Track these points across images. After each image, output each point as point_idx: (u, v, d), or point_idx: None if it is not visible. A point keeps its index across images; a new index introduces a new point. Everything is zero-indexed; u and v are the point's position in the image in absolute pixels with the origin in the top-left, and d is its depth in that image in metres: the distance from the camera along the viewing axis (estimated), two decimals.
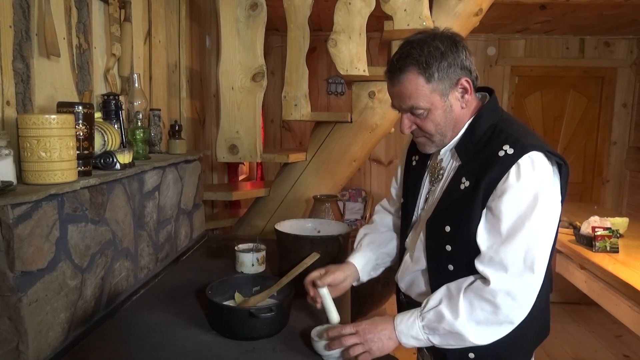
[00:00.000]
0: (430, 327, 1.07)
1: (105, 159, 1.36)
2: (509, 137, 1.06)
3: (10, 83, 1.18)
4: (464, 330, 1.03)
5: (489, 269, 1.03)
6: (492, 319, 1.03)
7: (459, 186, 1.10)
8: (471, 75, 1.11)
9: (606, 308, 2.26)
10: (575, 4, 3.02)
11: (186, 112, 2.44)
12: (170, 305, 1.41)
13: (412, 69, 1.07)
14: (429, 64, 1.06)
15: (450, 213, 1.12)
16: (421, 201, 1.26)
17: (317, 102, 4.31)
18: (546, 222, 1.03)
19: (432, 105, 1.10)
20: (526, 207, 1.01)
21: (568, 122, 4.30)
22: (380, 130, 2.50)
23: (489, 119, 1.12)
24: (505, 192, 1.03)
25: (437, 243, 1.14)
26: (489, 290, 1.03)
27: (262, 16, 2.25)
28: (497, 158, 1.05)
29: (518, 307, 1.03)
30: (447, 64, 1.07)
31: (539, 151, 1.03)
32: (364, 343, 1.09)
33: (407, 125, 1.15)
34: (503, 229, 1.03)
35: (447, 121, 1.12)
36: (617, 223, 2.64)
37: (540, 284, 1.04)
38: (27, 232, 0.99)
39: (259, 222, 2.56)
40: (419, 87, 1.08)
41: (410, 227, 1.28)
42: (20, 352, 1.00)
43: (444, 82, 1.08)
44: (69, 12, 1.42)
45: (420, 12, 2.26)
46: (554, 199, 1.05)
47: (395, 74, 1.10)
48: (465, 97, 1.12)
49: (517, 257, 1.02)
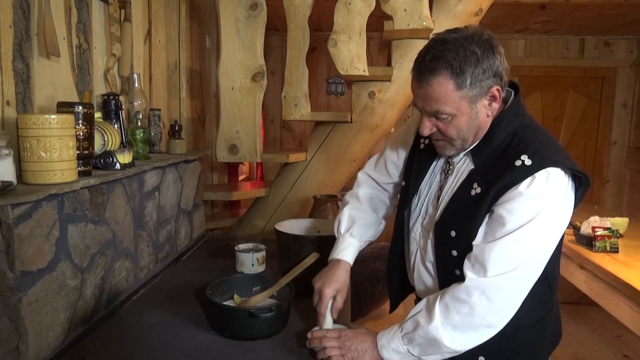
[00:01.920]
0: (409, 337, 1.04)
1: (105, 159, 1.36)
2: (528, 147, 1.02)
3: (10, 83, 1.18)
4: (439, 335, 1.00)
5: (470, 270, 1.01)
6: (467, 322, 1.00)
7: (469, 192, 1.08)
8: (502, 82, 1.04)
9: (606, 308, 2.26)
10: (575, 4, 3.02)
11: (186, 112, 2.44)
12: (170, 305, 1.41)
13: (445, 72, 0.99)
14: (463, 69, 0.98)
15: (457, 218, 1.09)
16: (427, 192, 1.22)
17: (317, 102, 4.30)
18: (543, 234, 1.00)
19: (458, 111, 1.03)
20: (528, 218, 0.98)
21: (568, 122, 4.29)
22: (380, 130, 2.50)
23: (510, 124, 1.08)
24: (511, 199, 1.00)
25: (444, 248, 1.12)
26: (464, 289, 1.00)
27: (262, 16, 2.25)
28: (513, 167, 1.01)
29: (496, 309, 1.00)
30: (481, 71, 0.99)
31: (558, 167, 1.00)
32: (341, 348, 1.09)
33: (428, 127, 1.09)
34: (498, 233, 1.01)
35: (471, 128, 1.07)
36: (617, 223, 2.64)
37: (522, 290, 1.01)
38: (27, 232, 0.98)
39: (259, 222, 2.56)
40: (449, 93, 1.01)
41: (415, 220, 1.24)
42: (20, 352, 1.00)
43: (475, 89, 1.01)
44: (69, 12, 1.42)
45: (420, 12, 2.26)
46: (560, 213, 1.02)
47: (425, 75, 1.02)
48: (492, 105, 1.06)
49: (500, 260, 0.99)
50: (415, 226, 1.25)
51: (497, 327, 1.02)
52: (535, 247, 1.00)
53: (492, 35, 1.03)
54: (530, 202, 0.99)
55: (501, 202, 1.02)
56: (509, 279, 0.99)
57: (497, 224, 1.02)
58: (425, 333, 1.02)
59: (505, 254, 0.99)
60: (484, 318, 1.00)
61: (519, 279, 1.00)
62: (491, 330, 1.02)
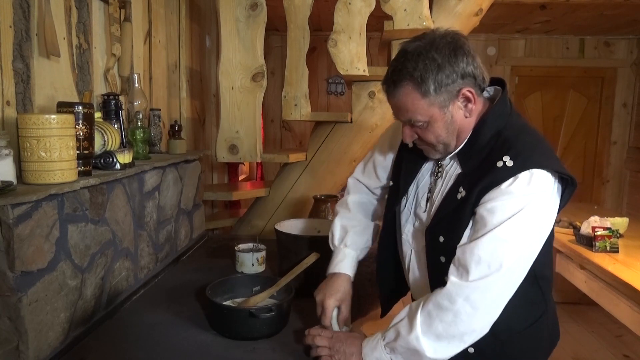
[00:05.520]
0: (391, 347, 1.03)
1: (105, 159, 1.36)
2: (511, 148, 1.00)
3: (10, 83, 1.18)
4: (419, 346, 0.98)
5: (453, 271, 1.00)
6: (451, 331, 0.97)
7: (456, 196, 1.06)
8: (476, 81, 1.03)
9: (606, 308, 2.26)
10: (575, 4, 3.02)
11: (186, 112, 2.44)
12: (170, 305, 1.41)
13: (407, 84, 1.02)
14: (424, 78, 0.99)
15: (445, 223, 1.08)
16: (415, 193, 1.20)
17: (317, 102, 4.30)
18: (525, 233, 0.98)
19: (431, 118, 1.04)
20: (509, 214, 0.96)
21: (568, 122, 4.30)
22: (380, 130, 2.50)
23: (493, 125, 1.06)
24: (492, 199, 0.99)
25: (434, 254, 1.11)
26: (446, 295, 0.98)
27: (262, 16, 2.25)
28: (494, 168, 1.00)
29: (480, 315, 0.97)
30: (444, 76, 1.00)
31: (542, 169, 0.98)
32: (330, 349, 1.09)
33: (409, 135, 1.11)
34: (480, 233, 0.99)
35: (449, 132, 1.07)
36: (617, 223, 2.64)
37: (506, 293, 0.99)
38: (27, 232, 0.98)
39: (259, 222, 2.56)
40: (415, 102, 1.03)
41: (405, 221, 1.23)
42: (20, 352, 1.00)
43: (442, 94, 1.01)
44: (69, 12, 1.42)
45: (420, 12, 2.26)
46: (542, 213, 1.00)
47: (390, 88, 1.06)
48: (468, 106, 1.05)
49: (482, 260, 0.96)
50: (407, 227, 1.23)
51: (482, 331, 0.99)
52: (518, 246, 0.97)
53: (458, 36, 1.03)
54: (511, 200, 0.97)
55: (482, 202, 1.01)
56: (492, 282, 0.97)
57: (478, 225, 1.00)
58: (405, 343, 1.00)
59: (487, 253, 0.96)
60: (469, 325, 0.97)
61: (503, 281, 0.98)
62: (475, 335, 0.99)
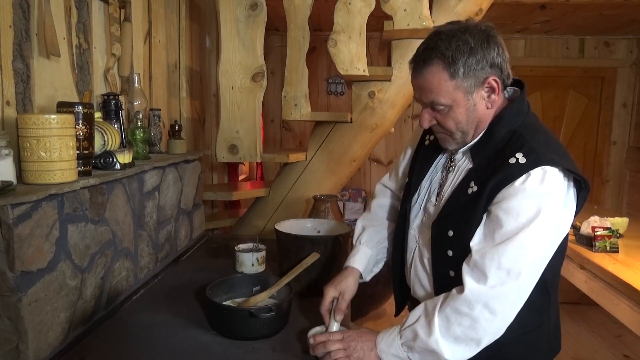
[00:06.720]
0: (408, 345, 1.04)
1: (105, 158, 1.36)
2: (524, 145, 1.00)
3: (10, 83, 1.18)
4: (437, 348, 0.99)
5: (469, 276, 1.00)
6: (470, 335, 0.99)
7: (466, 190, 1.06)
8: (502, 74, 1.04)
9: (606, 308, 2.26)
10: (575, 4, 3.02)
11: (186, 112, 2.44)
12: (170, 305, 1.41)
13: (437, 62, 1.01)
14: (455, 59, 1.00)
15: (454, 218, 1.08)
16: (427, 188, 1.21)
17: (317, 102, 4.30)
18: (544, 239, 0.98)
19: (454, 102, 1.04)
20: (526, 219, 0.96)
21: (568, 122, 4.29)
22: (380, 130, 2.50)
23: (510, 123, 1.06)
24: (507, 198, 0.98)
25: (441, 247, 1.11)
26: (465, 301, 0.98)
27: (262, 16, 2.25)
28: (507, 164, 1.00)
29: (499, 321, 0.99)
30: (475, 61, 1.00)
31: (554, 166, 0.98)
32: (346, 349, 1.08)
33: (427, 120, 1.10)
34: (497, 235, 0.99)
35: (469, 120, 1.07)
36: (617, 223, 2.64)
37: (523, 298, 1.00)
38: (27, 232, 0.98)
39: (259, 222, 2.56)
40: (442, 83, 1.02)
41: (415, 216, 1.23)
42: (20, 352, 1.00)
43: (470, 79, 1.02)
44: (69, 12, 1.42)
45: (420, 12, 2.26)
46: (559, 216, 1.00)
47: (419, 65, 1.05)
48: (491, 96, 1.05)
49: (501, 268, 0.97)
50: (415, 223, 1.23)
51: (498, 334, 1.01)
52: (537, 253, 0.98)
53: (491, 27, 1.04)
54: (527, 200, 0.97)
55: (497, 201, 1.01)
56: (511, 289, 0.98)
57: (495, 225, 1.00)
58: (424, 344, 1.01)
59: (508, 260, 0.97)
60: (487, 329, 0.99)
61: (521, 288, 0.99)
62: (492, 338, 1.01)
